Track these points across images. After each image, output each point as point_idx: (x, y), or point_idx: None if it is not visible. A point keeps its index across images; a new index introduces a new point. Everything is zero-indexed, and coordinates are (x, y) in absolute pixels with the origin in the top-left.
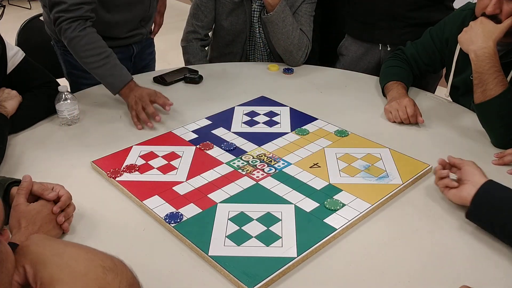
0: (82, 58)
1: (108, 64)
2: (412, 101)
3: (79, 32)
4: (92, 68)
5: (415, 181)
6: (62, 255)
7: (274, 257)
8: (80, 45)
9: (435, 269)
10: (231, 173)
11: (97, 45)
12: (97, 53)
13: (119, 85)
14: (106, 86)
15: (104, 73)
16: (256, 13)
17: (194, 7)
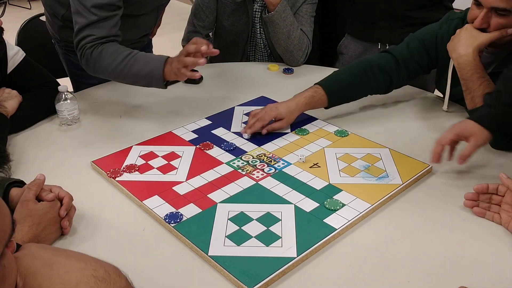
0: (113, 70)
1: (138, 57)
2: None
3: (101, 48)
4: (127, 72)
5: (415, 181)
6: (53, 265)
7: (274, 257)
8: (105, 58)
9: (435, 269)
10: (231, 173)
11: (122, 49)
12: (125, 55)
13: (160, 66)
14: (149, 81)
15: (139, 68)
16: (258, 14)
17: (195, 7)
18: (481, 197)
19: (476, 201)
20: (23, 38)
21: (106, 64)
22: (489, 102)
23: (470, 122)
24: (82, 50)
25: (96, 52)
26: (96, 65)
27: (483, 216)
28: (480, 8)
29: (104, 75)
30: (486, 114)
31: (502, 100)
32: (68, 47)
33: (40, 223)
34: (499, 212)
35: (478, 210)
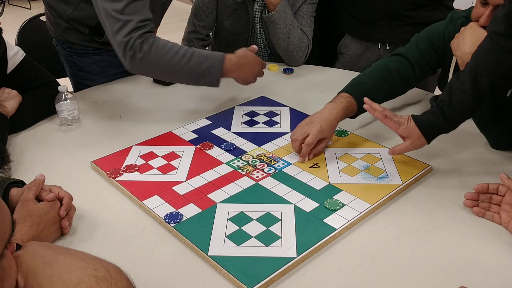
0: (166, 64)
1: (195, 52)
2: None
3: (151, 40)
4: (181, 68)
5: (415, 181)
6: (54, 264)
7: (274, 257)
8: (158, 50)
9: (435, 269)
10: (231, 173)
11: (173, 44)
12: (178, 48)
13: (219, 64)
14: (205, 77)
15: (197, 63)
16: (258, 14)
17: (195, 7)
18: (481, 197)
19: (476, 201)
20: (23, 38)
21: (159, 57)
22: (435, 111)
23: (413, 126)
24: (128, 41)
25: (147, 45)
26: (145, 59)
27: (483, 216)
28: (485, 6)
29: (152, 70)
30: (429, 122)
31: (445, 112)
32: (73, 48)
33: (40, 223)
34: (499, 212)
35: (478, 210)
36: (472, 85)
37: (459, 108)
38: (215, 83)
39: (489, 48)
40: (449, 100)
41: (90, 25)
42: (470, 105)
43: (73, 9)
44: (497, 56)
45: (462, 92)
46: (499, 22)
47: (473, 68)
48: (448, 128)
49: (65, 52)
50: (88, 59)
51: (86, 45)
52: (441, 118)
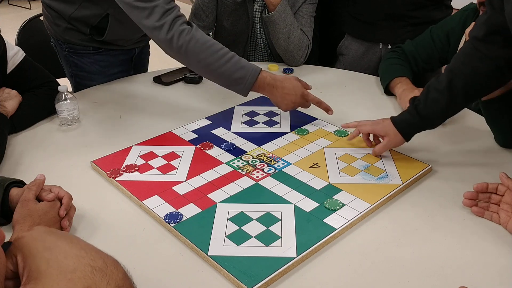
0: (203, 59)
1: (234, 58)
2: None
3: (191, 31)
4: (216, 68)
5: (415, 181)
6: (53, 249)
7: (274, 257)
8: (199, 44)
9: (435, 269)
10: (230, 173)
11: (214, 42)
12: (218, 48)
13: (251, 78)
14: (234, 85)
15: (232, 69)
16: (258, 14)
17: (195, 7)
18: (480, 196)
19: (475, 201)
20: (23, 38)
21: (199, 51)
22: (410, 110)
23: (389, 124)
24: (164, 26)
25: (187, 36)
26: (183, 49)
27: (481, 215)
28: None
29: (189, 61)
30: (404, 120)
31: (419, 110)
32: (72, 49)
33: (40, 223)
34: (498, 211)
35: (476, 209)
36: (448, 86)
37: (433, 107)
38: (243, 93)
39: (468, 53)
40: (425, 99)
41: (92, 24)
42: (444, 105)
43: (75, 8)
44: (475, 61)
45: (438, 92)
46: (480, 27)
47: (451, 70)
48: (425, 125)
49: (65, 52)
50: (89, 59)
51: (86, 45)
52: (415, 116)
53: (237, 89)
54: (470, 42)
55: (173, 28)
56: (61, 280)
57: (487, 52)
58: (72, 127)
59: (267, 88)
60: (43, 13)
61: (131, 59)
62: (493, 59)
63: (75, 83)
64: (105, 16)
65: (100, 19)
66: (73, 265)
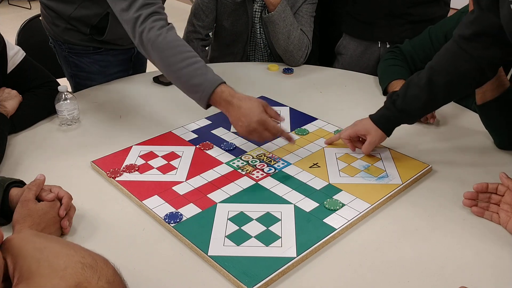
0: (163, 58)
1: (197, 63)
2: None
3: (163, 30)
4: (176, 69)
5: (414, 181)
6: (43, 250)
7: (274, 257)
8: (166, 42)
9: (435, 269)
10: (230, 173)
11: (184, 44)
12: (186, 50)
13: (207, 89)
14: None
15: (191, 74)
16: (257, 14)
17: (195, 7)
18: (480, 196)
19: (475, 201)
20: (23, 38)
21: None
22: (387, 105)
23: (368, 122)
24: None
25: (157, 31)
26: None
27: (481, 215)
28: None
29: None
30: (382, 116)
31: (397, 105)
32: (72, 49)
33: (40, 223)
34: (497, 211)
35: (476, 209)
36: (428, 82)
37: (413, 103)
38: (202, 105)
39: (452, 51)
40: (404, 94)
41: (92, 23)
42: (424, 101)
43: (75, 8)
44: (458, 60)
45: (418, 88)
46: (466, 27)
47: (432, 67)
48: (403, 120)
49: (64, 53)
50: (88, 59)
51: (86, 45)
52: (394, 111)
53: (195, 98)
54: (454, 40)
55: (146, 21)
56: (53, 278)
57: (471, 51)
58: (72, 127)
59: (223, 103)
60: (41, 14)
61: (130, 58)
62: (476, 59)
63: (74, 83)
64: (105, 15)
65: (100, 18)
66: (63, 263)
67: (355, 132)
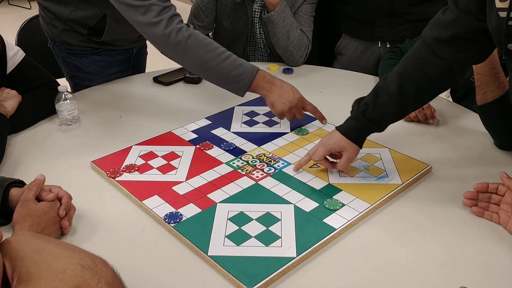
0: (201, 56)
1: (231, 56)
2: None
3: (188, 30)
4: (214, 65)
5: (414, 181)
6: (42, 252)
7: (274, 257)
8: (197, 42)
9: (435, 269)
10: (230, 173)
11: (211, 41)
12: (216, 46)
13: (250, 75)
14: (232, 83)
15: (230, 66)
16: (257, 14)
17: (195, 7)
18: (481, 196)
19: (475, 200)
20: (23, 38)
21: (197, 48)
22: (356, 115)
23: (340, 137)
24: (161, 22)
25: (187, 32)
26: (181, 45)
27: (481, 215)
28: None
29: (187, 58)
30: (353, 127)
31: (367, 115)
32: (70, 50)
33: (40, 223)
34: (497, 211)
35: (476, 209)
36: (398, 90)
37: (383, 111)
38: (240, 93)
39: (421, 55)
40: (373, 104)
41: (89, 25)
42: (394, 108)
43: (72, 10)
44: (428, 65)
45: (388, 96)
46: (444, 28)
47: (401, 74)
48: (373, 129)
49: (63, 53)
50: (87, 60)
51: (84, 46)
52: (365, 122)
53: (235, 88)
54: (426, 43)
55: (172, 24)
56: (52, 280)
57: (445, 55)
58: (72, 127)
59: (266, 86)
60: (40, 15)
61: (129, 58)
62: (448, 63)
63: (74, 84)
64: (102, 17)
65: (98, 20)
66: (62, 265)
67: (329, 151)
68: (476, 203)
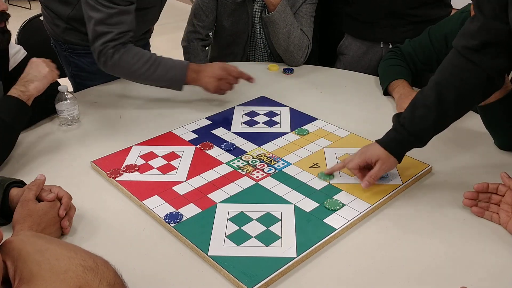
0: (135, 71)
1: (161, 62)
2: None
3: (123, 50)
4: (148, 76)
5: (414, 181)
6: (44, 252)
7: (274, 257)
8: (128, 60)
9: (435, 269)
10: (231, 173)
11: (143, 53)
12: (148, 58)
13: (182, 73)
14: (170, 84)
15: (163, 72)
16: (257, 14)
17: (195, 7)
18: (481, 196)
19: (476, 200)
20: (23, 38)
21: (129, 66)
22: (397, 128)
23: (378, 148)
24: (103, 49)
25: (118, 55)
26: (116, 66)
27: (481, 215)
28: None
29: (123, 75)
30: (393, 140)
31: (407, 129)
32: (73, 49)
33: (40, 223)
34: (498, 211)
35: (476, 209)
36: (437, 99)
37: (422, 124)
38: (178, 89)
39: (456, 63)
40: (411, 116)
41: None
42: (434, 119)
43: (72, 9)
44: (465, 72)
45: (426, 108)
46: (472, 37)
47: (438, 83)
48: (415, 143)
49: (65, 53)
50: (89, 59)
51: (86, 45)
52: (405, 135)
53: (171, 87)
54: (459, 53)
55: (107, 53)
56: (54, 281)
57: (480, 62)
58: (72, 127)
59: (196, 76)
60: (42, 14)
61: None
62: (485, 70)
63: (75, 84)
64: None
65: None
66: (64, 266)
67: (364, 161)
68: (476, 203)
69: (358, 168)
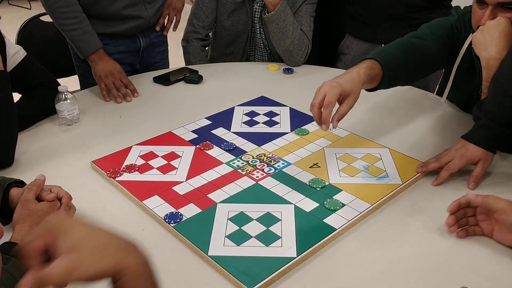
0: (56, 19)
1: (80, 29)
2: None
3: None
4: (64, 30)
5: (414, 181)
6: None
7: (274, 257)
8: (55, 6)
9: (435, 269)
10: (230, 173)
11: (72, 9)
12: (71, 16)
13: (88, 51)
14: (76, 49)
15: (76, 37)
16: (257, 14)
17: (195, 7)
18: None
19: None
20: (23, 38)
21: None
22: (487, 124)
23: (476, 149)
24: None
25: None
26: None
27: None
28: (483, 7)
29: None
30: (487, 137)
31: (499, 122)
32: None
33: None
34: (477, 223)
35: (461, 233)
36: None
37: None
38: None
39: None
40: (498, 109)
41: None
42: None
43: None
44: None
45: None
46: None
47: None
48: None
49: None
50: None
51: None
52: (499, 129)
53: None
54: None
55: None
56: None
57: None
58: (72, 127)
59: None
60: None
61: (137, 53)
62: None
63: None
64: None
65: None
66: (103, 242)
67: (466, 163)
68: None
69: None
